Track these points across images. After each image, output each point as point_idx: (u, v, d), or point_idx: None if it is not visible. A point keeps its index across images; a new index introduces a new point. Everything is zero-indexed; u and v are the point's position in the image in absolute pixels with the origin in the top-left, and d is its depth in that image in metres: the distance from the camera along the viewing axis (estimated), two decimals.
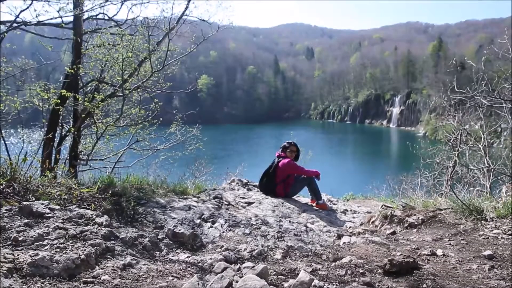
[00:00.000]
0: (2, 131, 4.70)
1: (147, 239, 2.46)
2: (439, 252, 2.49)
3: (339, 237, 3.46)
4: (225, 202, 4.19)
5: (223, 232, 3.11)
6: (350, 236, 3.44)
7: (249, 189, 5.26)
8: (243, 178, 5.85)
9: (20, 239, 1.90)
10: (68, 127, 5.93)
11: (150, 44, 5.86)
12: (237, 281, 1.74)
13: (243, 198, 4.65)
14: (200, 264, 2.25)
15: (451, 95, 7.32)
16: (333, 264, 2.29)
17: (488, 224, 2.96)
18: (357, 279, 1.97)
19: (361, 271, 2.08)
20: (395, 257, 2.17)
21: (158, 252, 2.43)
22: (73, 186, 2.91)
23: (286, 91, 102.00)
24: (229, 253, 2.46)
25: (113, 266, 1.89)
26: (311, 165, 5.55)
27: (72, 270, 1.77)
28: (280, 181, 5.04)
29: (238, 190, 5.13)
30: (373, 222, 4.20)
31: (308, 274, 1.87)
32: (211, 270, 2.09)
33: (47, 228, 2.06)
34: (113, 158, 6.53)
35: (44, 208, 2.29)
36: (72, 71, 5.37)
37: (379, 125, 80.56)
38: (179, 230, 2.81)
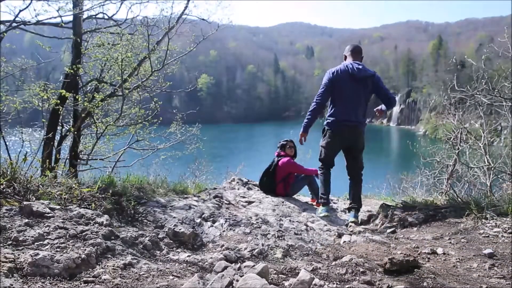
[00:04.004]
0: (2, 131, 4.70)
1: (147, 238, 2.46)
2: (439, 250, 2.49)
3: (340, 236, 3.46)
4: (226, 201, 4.19)
5: (224, 231, 3.11)
6: (351, 235, 3.44)
7: (249, 188, 5.26)
8: (243, 177, 5.86)
9: (20, 238, 1.91)
10: (68, 127, 5.93)
11: (149, 43, 5.86)
12: (237, 280, 1.74)
13: (243, 197, 4.65)
14: (200, 263, 2.26)
15: (451, 94, 7.31)
16: (333, 263, 2.29)
17: (488, 223, 2.96)
18: (357, 278, 1.97)
19: (361, 270, 2.09)
20: (396, 255, 2.17)
21: (159, 252, 2.43)
22: (74, 185, 2.91)
23: (286, 90, 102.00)
24: (229, 252, 2.46)
25: (113, 266, 1.89)
26: (312, 164, 5.54)
27: (73, 269, 1.77)
28: (280, 180, 5.04)
29: (238, 189, 5.13)
30: (373, 221, 4.21)
31: (308, 273, 1.87)
32: (212, 269, 2.09)
33: (47, 227, 2.06)
34: (113, 158, 6.54)
35: (44, 208, 2.29)
36: (72, 70, 5.37)
37: (379, 124, 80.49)
38: (180, 229, 2.81)
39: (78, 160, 5.70)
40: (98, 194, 2.94)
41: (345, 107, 3.41)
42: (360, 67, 3.35)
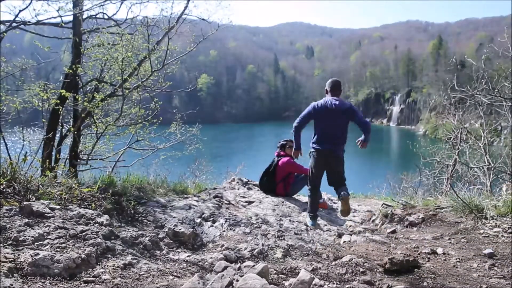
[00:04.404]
0: (2, 131, 4.69)
1: (147, 238, 2.46)
2: (439, 250, 2.49)
3: (340, 236, 3.46)
4: (226, 201, 4.19)
5: (224, 231, 3.11)
6: (351, 235, 3.44)
7: (249, 188, 5.26)
8: (243, 177, 5.86)
9: (20, 238, 1.91)
10: (68, 126, 5.92)
11: (149, 43, 5.85)
12: (237, 280, 1.74)
13: (244, 197, 4.65)
14: (200, 263, 2.26)
15: (451, 94, 7.31)
16: (333, 263, 2.29)
17: (489, 223, 2.96)
18: (357, 278, 1.97)
19: (361, 269, 2.09)
20: (396, 255, 2.17)
21: (159, 252, 2.43)
22: (74, 185, 2.91)
23: (286, 90, 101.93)
24: (229, 252, 2.46)
25: (113, 266, 1.89)
26: None
27: (73, 269, 1.77)
28: (280, 180, 5.04)
29: (238, 189, 5.13)
30: (373, 220, 4.21)
31: (308, 273, 1.87)
32: (212, 269, 2.10)
33: (47, 227, 2.06)
34: (113, 158, 6.53)
35: (44, 208, 2.29)
36: (72, 70, 5.36)
37: (379, 124, 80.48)
38: (180, 229, 2.81)
39: (78, 160, 5.69)
40: (98, 194, 2.94)
41: (324, 136, 4.07)
42: (337, 102, 4.00)
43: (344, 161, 4.22)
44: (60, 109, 5.38)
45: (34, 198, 2.52)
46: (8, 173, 2.66)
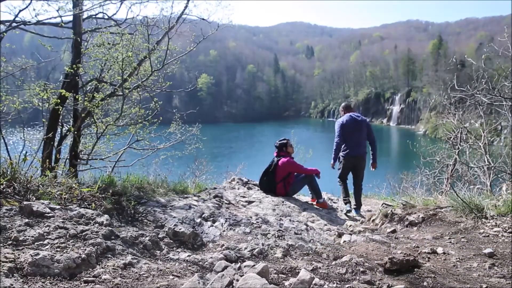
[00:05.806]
0: (2, 131, 4.69)
1: (147, 238, 2.46)
2: (439, 250, 2.49)
3: (340, 235, 3.47)
4: (226, 201, 4.19)
5: (224, 231, 3.11)
6: (351, 234, 3.44)
7: (249, 188, 5.26)
8: (243, 177, 5.86)
9: (20, 238, 1.91)
10: (68, 126, 5.92)
11: (149, 43, 5.85)
12: (237, 280, 1.74)
13: (244, 197, 4.65)
14: (200, 263, 2.26)
15: (451, 93, 7.31)
16: (333, 263, 2.29)
17: (489, 222, 2.96)
18: (357, 278, 1.97)
19: (361, 269, 2.09)
20: (396, 255, 2.17)
21: (159, 251, 2.43)
22: (74, 185, 2.91)
23: (286, 90, 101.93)
24: (229, 252, 2.46)
25: (113, 265, 1.89)
26: (311, 164, 5.55)
27: (73, 269, 1.77)
28: (280, 180, 5.04)
29: (238, 189, 5.13)
30: (373, 220, 4.21)
31: (308, 272, 1.87)
32: (212, 269, 2.10)
33: (47, 227, 2.07)
34: (113, 158, 6.52)
35: (44, 208, 2.29)
36: (72, 70, 5.36)
37: (379, 124, 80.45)
38: (180, 229, 2.82)
39: (78, 160, 5.69)
40: (98, 194, 2.94)
41: (352, 144, 4.97)
42: (359, 116, 5.05)
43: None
44: (60, 109, 5.38)
45: (34, 198, 2.52)
46: (8, 173, 2.66)
